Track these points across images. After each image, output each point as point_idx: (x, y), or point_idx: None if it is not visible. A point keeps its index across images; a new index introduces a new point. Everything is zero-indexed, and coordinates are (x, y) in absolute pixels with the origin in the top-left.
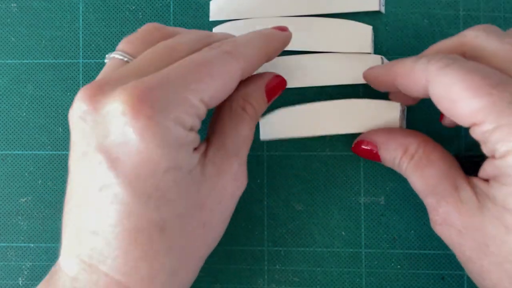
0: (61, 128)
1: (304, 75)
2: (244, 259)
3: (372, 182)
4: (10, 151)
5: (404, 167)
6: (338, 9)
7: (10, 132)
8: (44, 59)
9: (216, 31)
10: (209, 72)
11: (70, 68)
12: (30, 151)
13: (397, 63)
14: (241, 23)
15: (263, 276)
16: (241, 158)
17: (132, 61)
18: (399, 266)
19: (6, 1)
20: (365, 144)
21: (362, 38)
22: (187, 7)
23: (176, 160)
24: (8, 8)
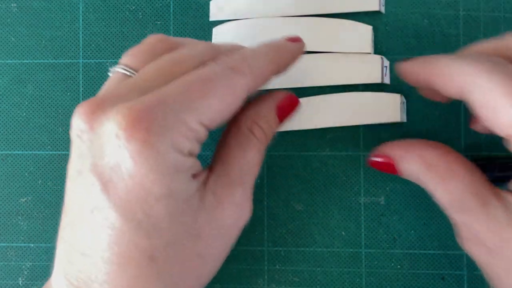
0: (61, 128)
1: (304, 75)
2: (244, 259)
3: (372, 182)
4: (10, 151)
5: (426, 181)
6: (338, 9)
7: (10, 132)
8: (44, 59)
9: (216, 31)
10: (211, 91)
11: (70, 68)
12: (30, 151)
13: (433, 61)
14: (241, 23)
15: (263, 276)
16: (246, 187)
17: (134, 77)
18: (399, 266)
19: (6, 1)
20: (381, 157)
21: (362, 38)
22: (187, 7)
23: (171, 187)
24: (8, 8)
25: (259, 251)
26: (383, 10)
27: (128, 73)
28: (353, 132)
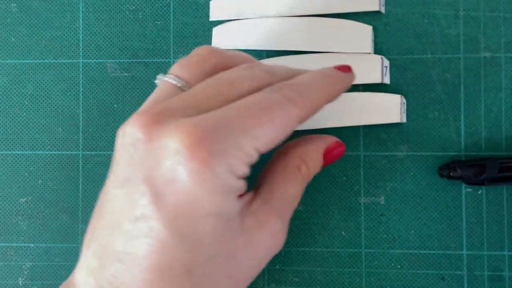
0: (61, 128)
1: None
2: None
3: (372, 182)
4: (10, 151)
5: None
6: (338, 9)
7: (10, 132)
8: (44, 59)
9: (216, 31)
10: (269, 120)
11: (70, 68)
12: (30, 151)
13: None
14: (241, 23)
15: (263, 276)
16: (285, 218)
17: (189, 91)
18: (399, 266)
19: (6, 1)
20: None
21: (362, 38)
22: (187, 7)
23: (220, 207)
24: (8, 8)
25: None
26: (383, 10)
27: (179, 85)
28: (353, 132)
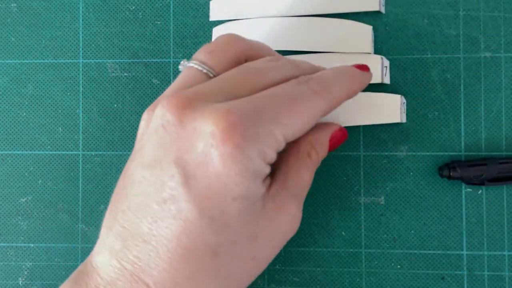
0: (61, 128)
1: None
2: None
3: (372, 182)
4: (10, 151)
5: None
6: (338, 9)
7: (10, 132)
8: (44, 59)
9: (216, 31)
10: (298, 110)
11: (70, 68)
12: (30, 151)
13: None
14: (241, 23)
15: (263, 276)
16: (300, 202)
17: (218, 78)
18: (399, 266)
19: (6, 1)
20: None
21: (362, 38)
22: (187, 7)
23: (248, 190)
24: (8, 8)
25: None
26: (383, 10)
27: (205, 71)
28: (353, 132)
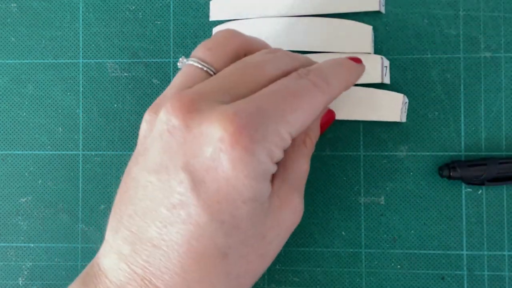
0: (61, 128)
1: None
2: None
3: (372, 182)
4: (10, 151)
5: None
6: (338, 9)
7: (10, 132)
8: (44, 59)
9: (216, 31)
10: (302, 106)
11: (70, 68)
12: (30, 151)
13: None
14: (241, 23)
15: (263, 276)
16: (301, 192)
17: (218, 76)
18: (399, 266)
19: (6, 1)
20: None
21: (362, 38)
22: (187, 7)
23: (257, 192)
24: (8, 8)
25: None
26: (383, 10)
27: (205, 68)
28: (353, 132)
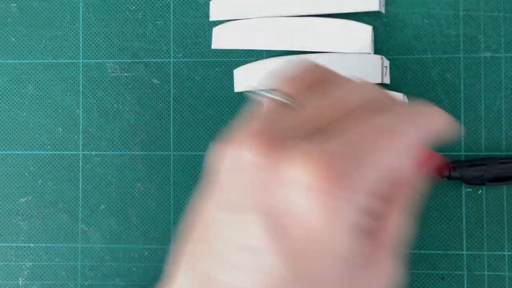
0: (61, 128)
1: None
2: None
3: None
4: (10, 151)
5: None
6: (338, 9)
7: (10, 132)
8: (44, 59)
9: (216, 31)
10: (395, 148)
11: (70, 68)
12: (30, 151)
13: None
14: (241, 23)
15: None
16: (393, 253)
17: (303, 111)
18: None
19: (6, 1)
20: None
21: (362, 38)
22: (187, 7)
23: (343, 246)
24: (8, 8)
25: None
26: (383, 10)
27: (286, 102)
28: None
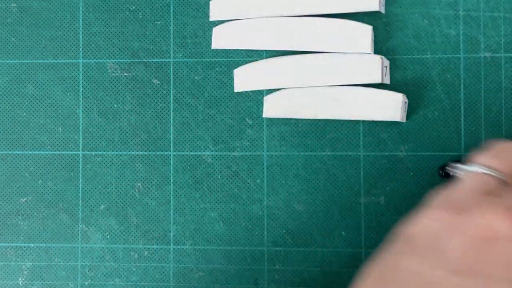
0: (61, 128)
1: (304, 75)
2: (244, 259)
3: (372, 182)
4: (10, 151)
5: None
6: (338, 9)
7: (10, 132)
8: (44, 59)
9: (216, 31)
10: None
11: (70, 68)
12: (30, 151)
13: None
14: (241, 23)
15: (263, 276)
16: None
17: None
18: None
19: (6, 1)
20: None
21: (362, 38)
22: (187, 7)
23: None
24: (8, 8)
25: (259, 251)
26: (383, 10)
27: (496, 176)
28: (353, 132)
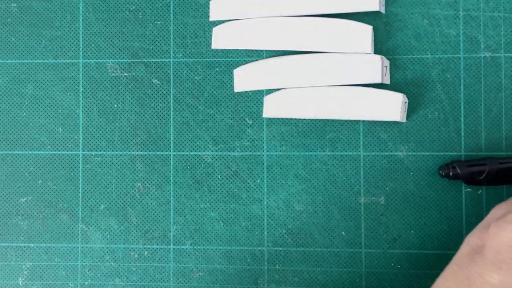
0: (61, 128)
1: (304, 75)
2: (244, 259)
3: (372, 182)
4: (10, 151)
5: None
6: (338, 9)
7: (10, 132)
8: (44, 59)
9: (216, 31)
10: None
11: (70, 68)
12: (30, 151)
13: None
14: (241, 23)
15: (263, 276)
16: None
17: None
18: (399, 266)
19: (6, 1)
20: None
21: (362, 38)
22: (187, 7)
23: None
24: (8, 8)
25: (259, 251)
26: (383, 10)
27: None
28: (353, 132)
